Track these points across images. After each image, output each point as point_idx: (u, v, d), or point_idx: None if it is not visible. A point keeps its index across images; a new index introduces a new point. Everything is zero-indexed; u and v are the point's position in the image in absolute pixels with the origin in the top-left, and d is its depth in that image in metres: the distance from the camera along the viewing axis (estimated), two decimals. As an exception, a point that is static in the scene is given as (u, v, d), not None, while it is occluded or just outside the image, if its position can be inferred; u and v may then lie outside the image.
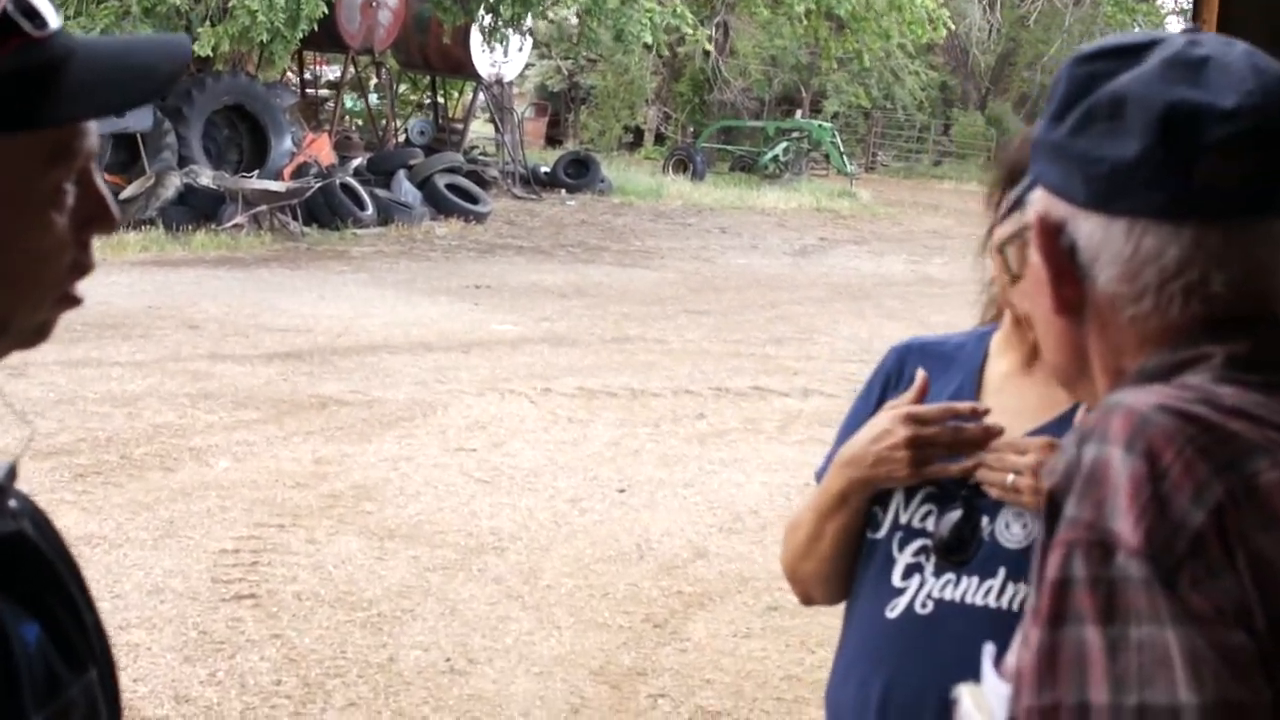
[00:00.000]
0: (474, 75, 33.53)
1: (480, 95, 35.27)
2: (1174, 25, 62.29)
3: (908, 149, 57.92)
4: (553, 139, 49.56)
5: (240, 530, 9.67)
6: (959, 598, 2.76)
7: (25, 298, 1.64)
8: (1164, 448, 1.50)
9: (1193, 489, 1.47)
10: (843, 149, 44.86)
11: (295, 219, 24.78)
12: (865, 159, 53.47)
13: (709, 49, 39.88)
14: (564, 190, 34.93)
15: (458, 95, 38.48)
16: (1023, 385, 2.88)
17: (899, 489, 2.86)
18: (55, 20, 1.59)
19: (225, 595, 8.54)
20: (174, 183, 24.34)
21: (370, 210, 26.05)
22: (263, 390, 13.52)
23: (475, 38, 31.24)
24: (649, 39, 30.73)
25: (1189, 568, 1.45)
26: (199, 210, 24.40)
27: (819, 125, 45.48)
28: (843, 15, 35.62)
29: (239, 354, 15.08)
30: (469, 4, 29.13)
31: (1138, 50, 1.68)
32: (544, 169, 35.90)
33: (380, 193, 27.01)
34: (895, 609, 2.82)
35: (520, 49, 32.97)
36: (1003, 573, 2.73)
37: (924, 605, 2.79)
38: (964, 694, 1.82)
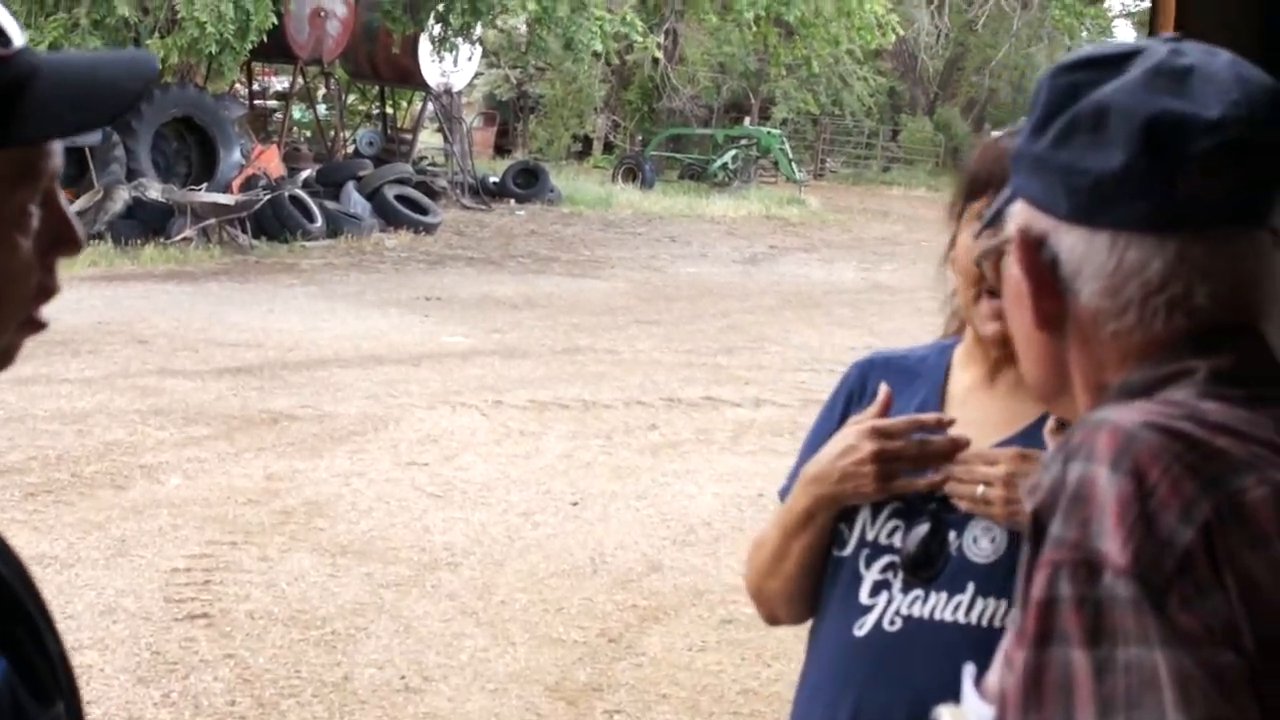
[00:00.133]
0: (423, 85, 33.46)
1: (429, 105, 35.20)
2: (1122, 29, 62.64)
3: (856, 155, 58.00)
4: (501, 148, 49.43)
5: (192, 548, 9.63)
6: (928, 614, 2.73)
7: None
8: (1150, 465, 1.49)
9: (1180, 507, 1.46)
10: (791, 156, 44.88)
11: (244, 232, 24.68)
12: (814, 166, 53.54)
13: (658, 56, 39.88)
14: (513, 200, 34.85)
15: (406, 105, 38.41)
16: (987, 398, 2.87)
17: (865, 505, 2.83)
18: (20, 38, 1.57)
19: (178, 615, 8.50)
20: (122, 196, 24.22)
21: (319, 222, 25.94)
22: (213, 406, 13.47)
23: (424, 47, 31.17)
24: (599, 47, 30.73)
25: (1177, 587, 1.44)
26: (147, 224, 24.26)
27: (768, 132, 45.49)
28: (792, 21, 35.67)
29: (189, 369, 15.02)
30: (418, 13, 29.09)
31: (1120, 60, 1.67)
32: (493, 179, 35.81)
33: (329, 204, 26.88)
34: (863, 627, 2.79)
35: (470, 58, 32.91)
36: (971, 588, 2.71)
37: (892, 622, 2.76)
38: (944, 715, 1.82)
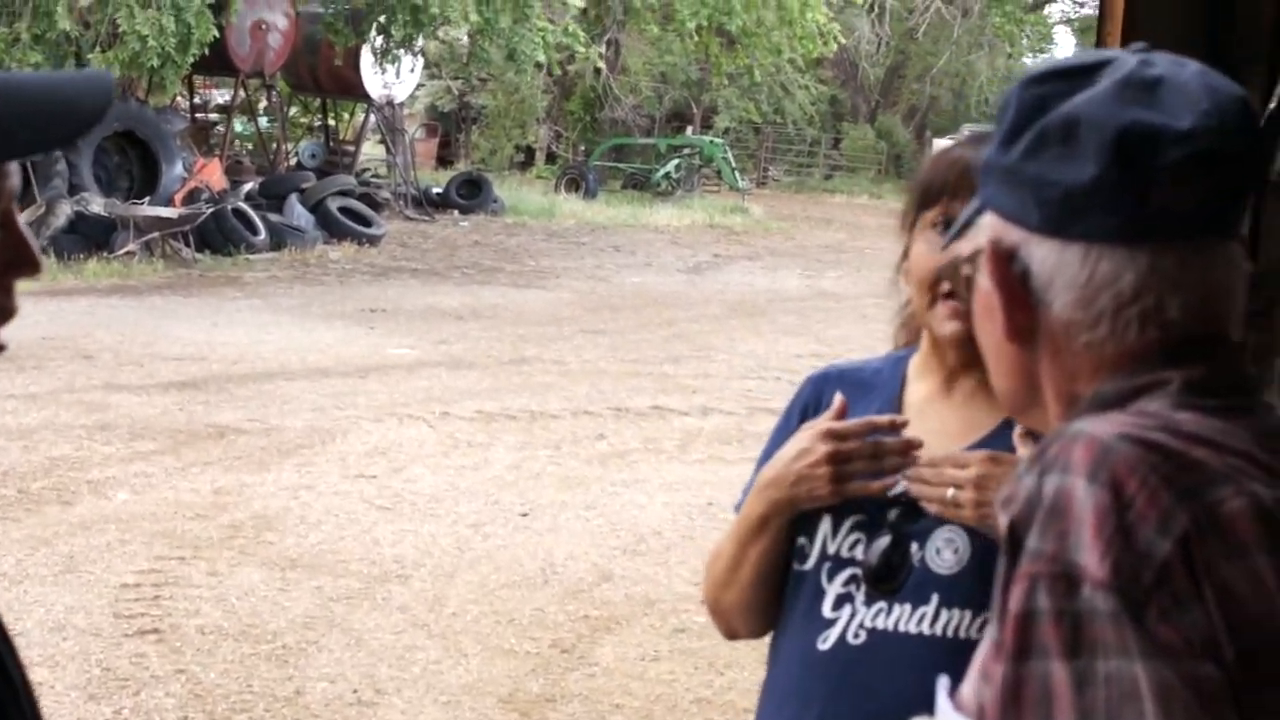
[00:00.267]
0: (365, 97, 33.40)
1: (371, 117, 35.13)
2: (1063, 36, 62.91)
3: (799, 163, 58.08)
4: (444, 159, 49.34)
5: (141, 564, 9.59)
6: (892, 626, 2.72)
7: None
8: (1127, 477, 1.49)
9: (1158, 519, 1.47)
10: (734, 165, 44.88)
11: (188, 245, 24.58)
12: (757, 174, 53.58)
13: (600, 67, 39.89)
14: (457, 211, 34.80)
15: (348, 117, 38.32)
16: (943, 408, 2.86)
17: (825, 518, 2.82)
18: None
19: (128, 630, 8.46)
20: (65, 211, 24.09)
21: (263, 235, 25.86)
22: (159, 420, 13.41)
23: (366, 59, 31.12)
24: (542, 58, 30.71)
25: (1156, 599, 1.44)
26: (91, 238, 24.13)
27: (710, 141, 45.50)
28: (733, 31, 35.71)
29: (134, 384, 14.95)
30: (360, 25, 29.03)
31: (1089, 71, 1.66)
32: (436, 190, 35.74)
33: (273, 217, 26.79)
34: (827, 640, 2.78)
35: (412, 70, 32.85)
36: (935, 599, 2.70)
37: (856, 635, 2.75)
38: None
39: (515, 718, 7.61)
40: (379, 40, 29.42)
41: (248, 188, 27.92)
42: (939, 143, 53.86)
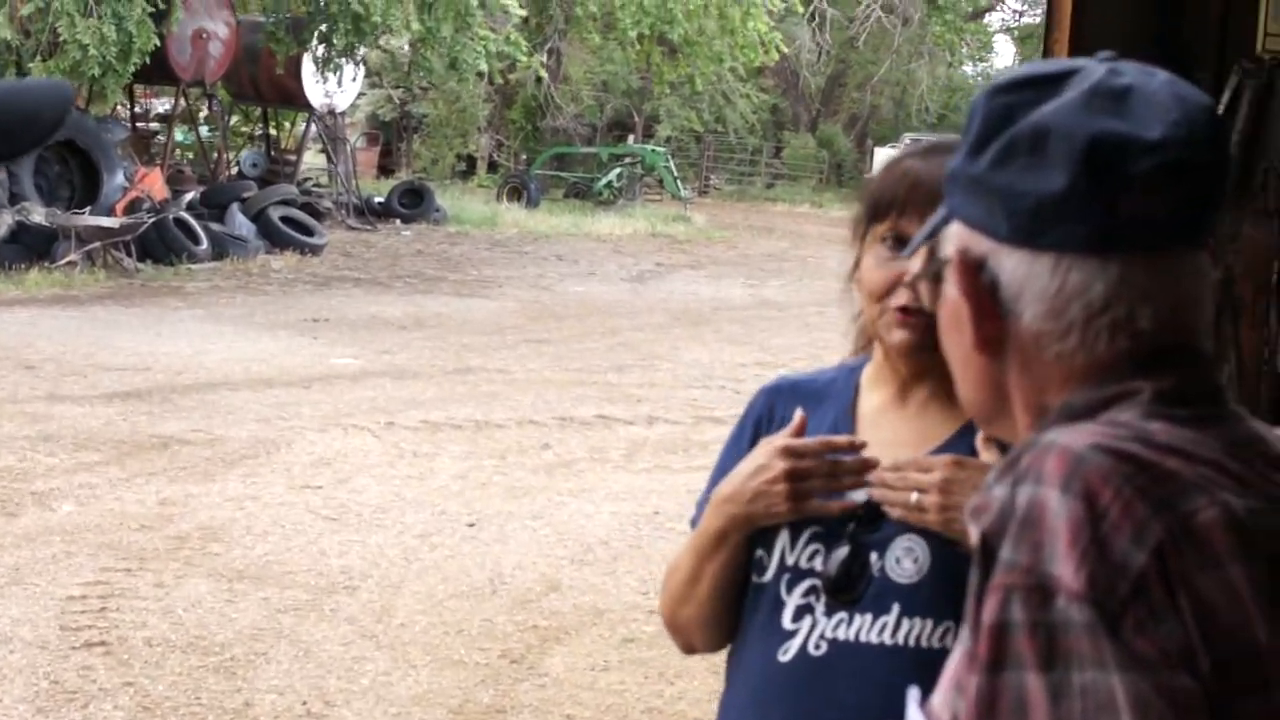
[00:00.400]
0: (306, 106, 33.32)
1: (313, 126, 35.04)
2: (1003, 45, 63.19)
3: (740, 172, 58.21)
4: (385, 168, 49.25)
5: (87, 575, 9.53)
6: (853, 637, 2.70)
7: None
8: (1101, 488, 1.49)
9: (1132, 530, 1.47)
10: (676, 173, 44.95)
11: (129, 255, 24.46)
12: (698, 183, 53.66)
13: (543, 75, 39.89)
14: (399, 220, 34.74)
15: (289, 126, 38.20)
16: (897, 418, 2.85)
17: (784, 530, 2.80)
18: None
19: (75, 643, 8.40)
20: (5, 221, 23.92)
21: (205, 245, 25.76)
22: (103, 431, 13.34)
23: (307, 68, 31.04)
24: (484, 67, 30.70)
25: (1132, 611, 1.44)
26: (32, 248, 23.99)
27: (652, 150, 45.56)
28: (675, 40, 35.79)
29: (78, 394, 14.87)
30: (302, 34, 28.96)
31: (1056, 80, 1.65)
32: (378, 199, 35.68)
33: (214, 227, 26.69)
34: (787, 652, 2.75)
35: (354, 79, 32.79)
36: (896, 609, 2.68)
37: (817, 647, 2.73)
38: None
39: (465, 728, 7.61)
40: (320, 49, 29.35)
41: (189, 197, 27.78)
42: (880, 151, 54.25)
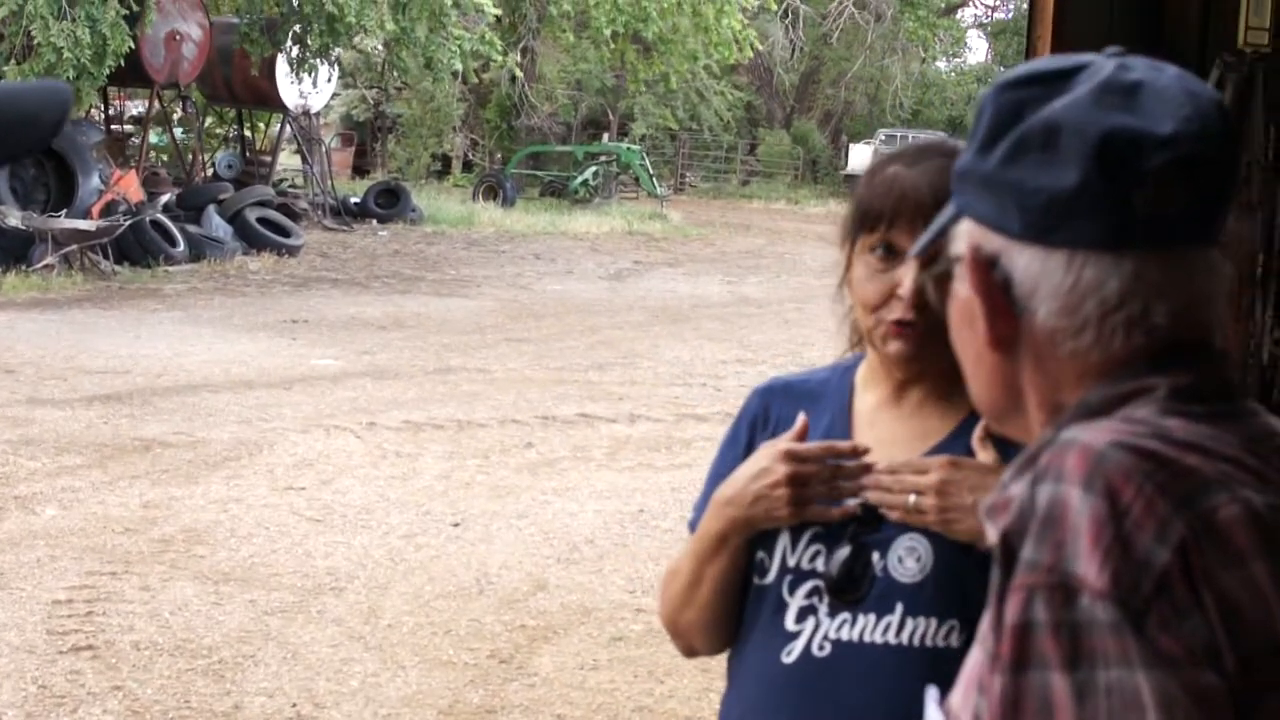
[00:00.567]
0: (281, 107, 33.28)
1: (287, 127, 34.99)
2: (975, 40, 63.29)
3: (715, 169, 58.25)
4: (360, 169, 49.24)
5: (72, 579, 9.50)
6: (857, 637, 2.69)
7: None
8: (1123, 485, 1.48)
9: (1155, 527, 1.46)
10: (652, 171, 44.96)
11: (106, 258, 24.42)
12: (674, 180, 53.69)
13: (517, 74, 39.87)
14: (375, 220, 34.73)
15: (264, 127, 38.16)
16: (893, 418, 2.84)
17: (784, 532, 2.78)
18: None
19: (62, 647, 8.38)
20: (-19, 224, 23.92)
21: (182, 247, 25.73)
22: (85, 434, 13.31)
23: (281, 69, 31.00)
24: (459, 66, 30.67)
25: (1156, 609, 1.43)
26: (8, 252, 23.92)
27: (627, 148, 45.57)
28: (649, 38, 35.79)
29: (58, 398, 14.83)
30: (276, 35, 28.92)
31: (1065, 75, 1.64)
32: (354, 199, 35.66)
33: (191, 229, 26.68)
34: (791, 654, 2.74)
35: (329, 80, 32.76)
36: (900, 608, 2.67)
37: (821, 648, 2.72)
38: None
39: (456, 729, 7.60)
40: (295, 50, 29.32)
41: (165, 199, 27.72)
42: (855, 148, 54.36)
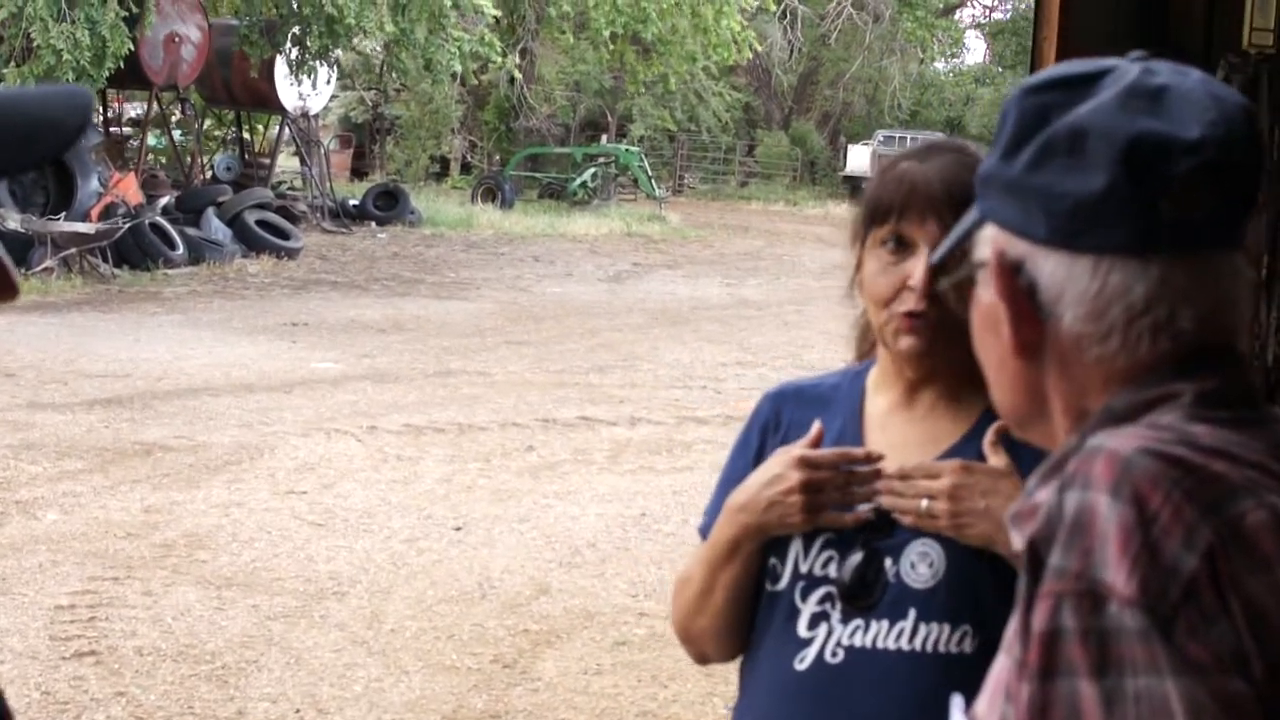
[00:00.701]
0: (279, 109, 33.30)
1: (286, 129, 34.99)
2: (974, 41, 63.34)
3: (714, 171, 58.27)
4: (358, 171, 49.25)
5: (74, 585, 9.49)
6: (870, 643, 2.69)
7: None
8: (1151, 492, 1.48)
9: (1183, 534, 1.45)
10: (650, 173, 44.97)
11: (106, 261, 24.41)
12: (673, 182, 53.70)
13: (517, 75, 39.86)
14: (374, 223, 34.73)
15: (263, 129, 38.16)
16: (905, 421, 2.83)
17: (797, 538, 2.78)
18: None
19: (65, 653, 8.36)
20: (-20, 227, 23.91)
21: (181, 249, 25.72)
22: (86, 438, 13.29)
23: (280, 71, 31.01)
24: (458, 67, 30.67)
25: (1184, 615, 1.43)
26: (8, 254, 23.87)
27: (626, 149, 45.59)
28: (649, 39, 35.80)
29: (58, 402, 14.82)
30: (275, 37, 28.93)
31: (1089, 80, 1.64)
32: (353, 202, 35.67)
33: (190, 231, 26.66)
34: (804, 660, 2.74)
35: (328, 81, 32.78)
36: (913, 614, 2.67)
37: (834, 654, 2.71)
38: None
39: (460, 734, 7.59)
40: (294, 52, 29.32)
41: (164, 202, 27.75)
42: (854, 148, 54.38)
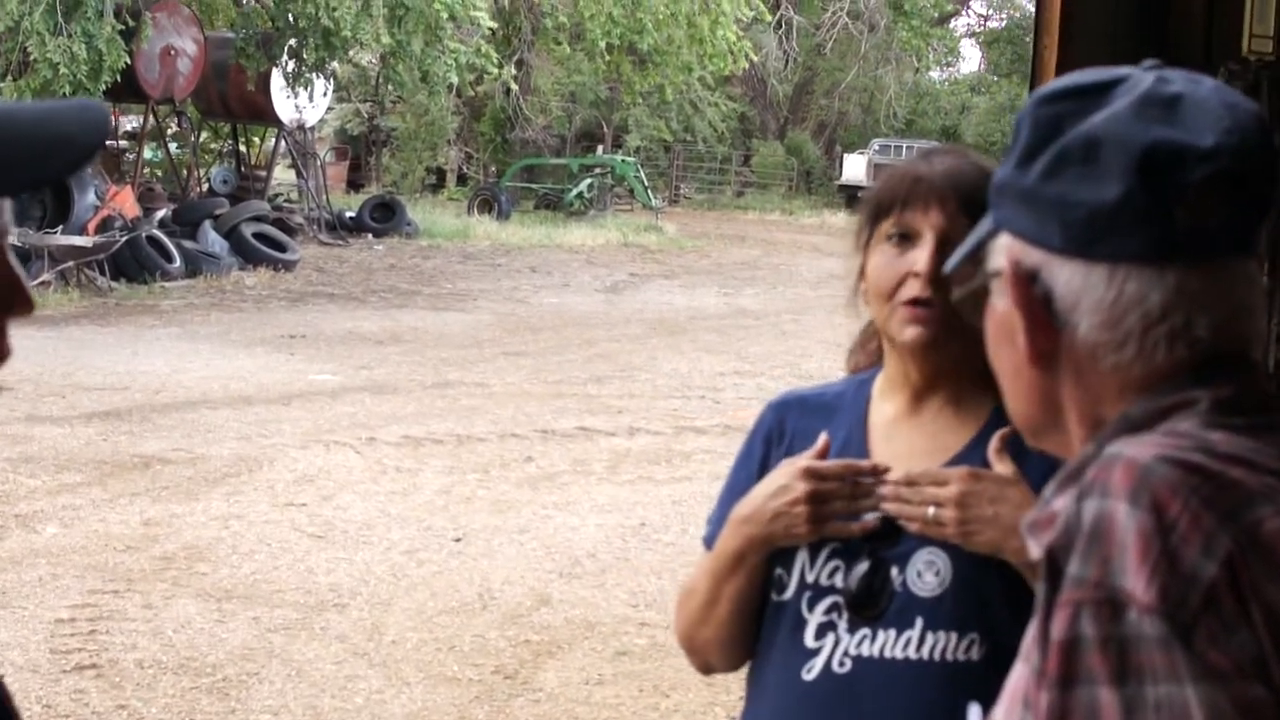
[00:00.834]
0: (276, 121, 33.25)
1: (282, 141, 34.96)
2: (969, 49, 63.40)
3: (710, 181, 58.22)
4: (354, 183, 49.16)
5: (75, 598, 9.49)
6: (877, 652, 2.69)
7: None
8: (1169, 500, 1.47)
9: (1202, 541, 1.45)
10: (646, 183, 44.95)
11: (103, 274, 24.39)
12: (669, 192, 53.63)
13: (513, 87, 39.84)
14: (370, 235, 34.69)
15: (259, 142, 38.13)
16: (911, 428, 2.83)
17: (803, 548, 2.77)
18: None
19: (66, 666, 8.36)
20: (-24, 242, 23.84)
21: (178, 262, 25.69)
22: (84, 452, 13.29)
23: (276, 83, 30.98)
24: (454, 79, 30.65)
25: (1204, 623, 1.43)
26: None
27: (622, 160, 45.54)
28: (645, 49, 35.79)
29: (57, 415, 14.80)
30: (271, 50, 28.91)
31: (1103, 89, 1.65)
32: (349, 213, 35.63)
33: (187, 244, 26.61)
34: (812, 670, 2.74)
35: (324, 94, 32.75)
36: (920, 623, 2.67)
37: (842, 664, 2.71)
38: None
39: (462, 745, 7.59)
40: (290, 64, 29.30)
41: (161, 215, 27.69)
42: (849, 158, 54.41)
